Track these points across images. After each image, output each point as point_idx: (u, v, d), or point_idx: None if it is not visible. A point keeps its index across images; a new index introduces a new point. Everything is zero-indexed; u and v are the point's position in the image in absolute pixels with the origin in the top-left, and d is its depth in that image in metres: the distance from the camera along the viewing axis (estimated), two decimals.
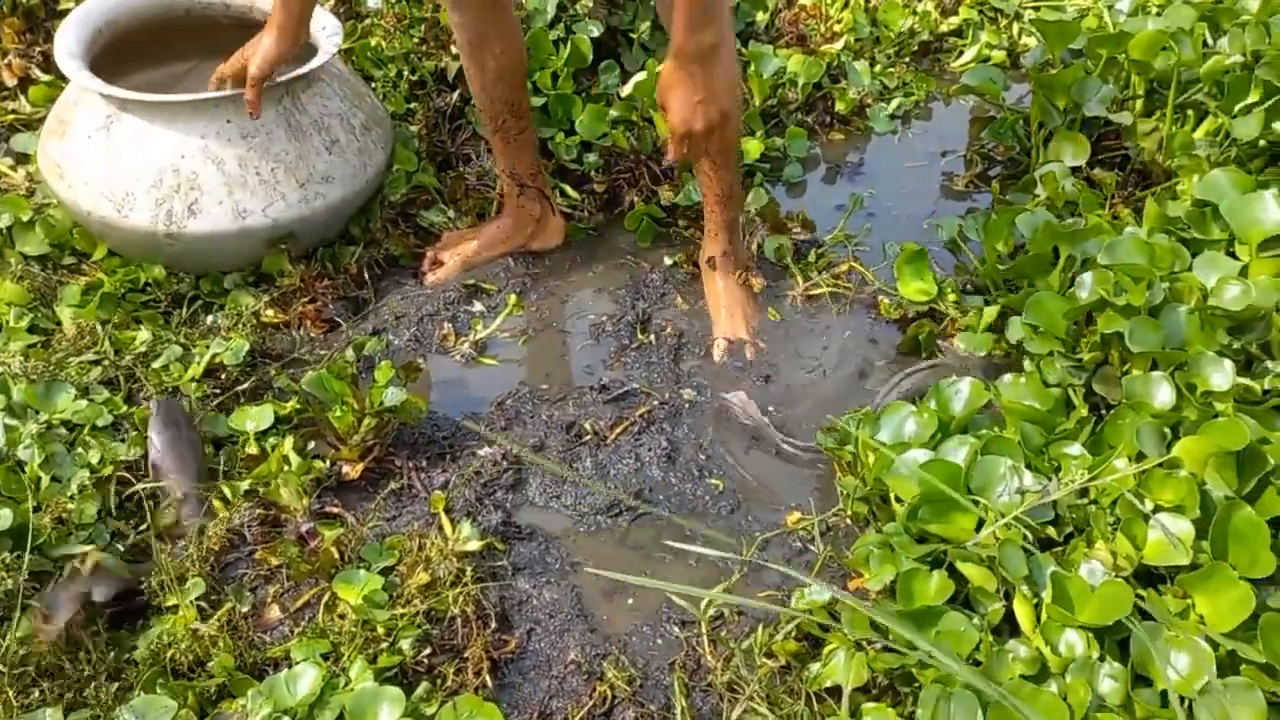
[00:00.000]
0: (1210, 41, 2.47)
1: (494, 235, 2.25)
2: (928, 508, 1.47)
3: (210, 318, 2.09)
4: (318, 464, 1.77)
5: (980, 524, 1.48)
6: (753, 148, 2.43)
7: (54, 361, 1.88)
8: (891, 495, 1.58)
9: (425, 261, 2.24)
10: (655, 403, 1.94)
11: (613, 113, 2.41)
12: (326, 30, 2.20)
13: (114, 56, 2.23)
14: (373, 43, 2.57)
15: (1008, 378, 1.71)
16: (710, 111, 1.69)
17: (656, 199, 2.33)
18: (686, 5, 1.61)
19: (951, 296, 2.06)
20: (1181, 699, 1.29)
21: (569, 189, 2.36)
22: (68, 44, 2.11)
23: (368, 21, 2.64)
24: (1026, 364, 1.79)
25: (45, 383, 1.81)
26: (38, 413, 1.78)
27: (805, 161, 2.56)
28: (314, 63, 2.11)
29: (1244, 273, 1.85)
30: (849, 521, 1.69)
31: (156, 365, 1.88)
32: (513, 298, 2.15)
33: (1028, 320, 1.77)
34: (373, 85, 2.47)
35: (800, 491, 1.78)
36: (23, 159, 2.44)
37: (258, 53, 1.97)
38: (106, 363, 1.90)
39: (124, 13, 2.26)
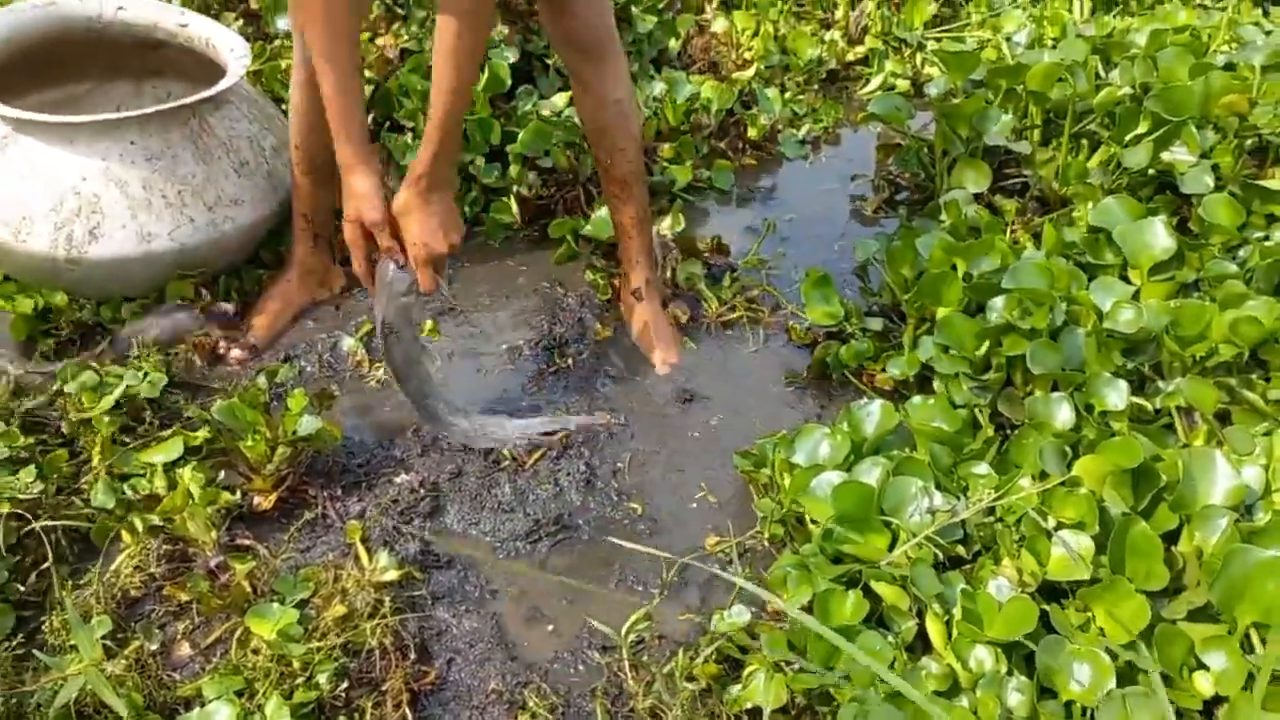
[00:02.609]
0: (1103, 74, 2.59)
1: (289, 291, 2.17)
2: (842, 528, 1.50)
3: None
4: (226, 495, 1.73)
5: (893, 543, 1.52)
6: (681, 174, 2.46)
7: None
8: (807, 517, 1.61)
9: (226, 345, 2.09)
10: (572, 425, 1.94)
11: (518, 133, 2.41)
12: (234, 51, 2.16)
13: (8, 76, 2.17)
14: (283, 65, 2.53)
15: (917, 399, 1.76)
16: (452, 235, 1.71)
17: (586, 219, 2.35)
18: (439, 138, 1.64)
19: (854, 320, 2.11)
20: (1084, 709, 1.34)
21: (507, 210, 2.37)
22: None
23: (276, 43, 2.60)
24: (936, 384, 1.85)
25: None
26: None
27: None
28: (222, 84, 2.07)
29: (1136, 296, 1.94)
30: (766, 543, 1.71)
31: (70, 390, 1.82)
32: (428, 323, 2.13)
33: (938, 340, 1.82)
34: (283, 108, 2.43)
35: (718, 514, 1.80)
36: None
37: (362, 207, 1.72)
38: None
39: (17, 31, 2.19)
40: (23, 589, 1.59)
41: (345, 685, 1.47)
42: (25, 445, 1.75)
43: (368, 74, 2.52)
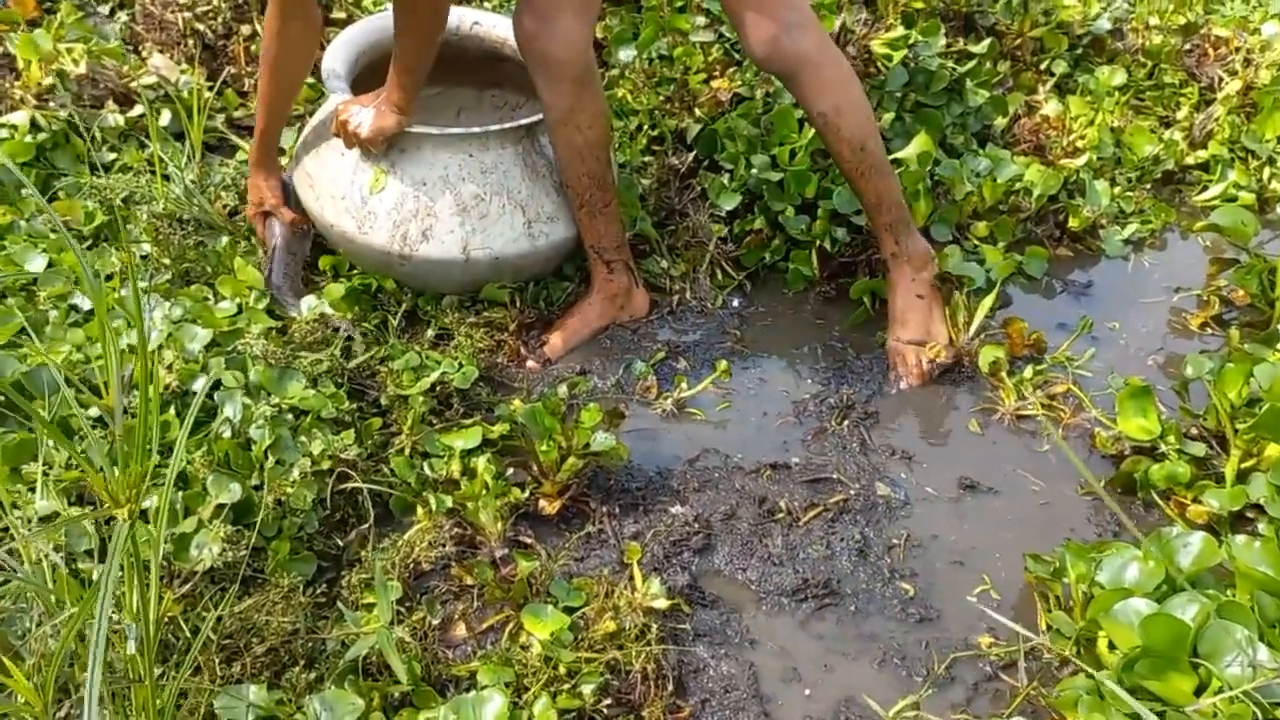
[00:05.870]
0: None
1: (590, 314, 2.25)
2: (1146, 662, 1.40)
3: (430, 332, 2.18)
4: (516, 492, 1.81)
5: (1199, 689, 1.39)
6: (992, 255, 2.39)
7: (289, 350, 1.99)
8: (1103, 640, 1.51)
9: (525, 350, 2.21)
10: (851, 492, 1.91)
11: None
12: None
13: (371, 75, 2.36)
14: (619, 94, 2.65)
15: (1241, 539, 1.61)
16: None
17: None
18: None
19: (1173, 439, 1.96)
20: None
21: (808, 262, 2.38)
22: (333, 63, 2.23)
23: (615, 72, 2.73)
24: (1263, 527, 1.69)
25: (280, 369, 1.92)
26: (270, 395, 1.88)
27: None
28: None
29: None
30: (1048, 657, 1.61)
31: (395, 366, 1.96)
32: (723, 363, 2.16)
33: (1273, 480, 1.68)
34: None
35: (996, 614, 1.71)
36: (278, 151, 2.59)
37: (374, 123, 2.05)
38: (335, 360, 1.99)
39: (388, 36, 2.38)
40: (341, 544, 1.72)
41: (608, 702, 1.50)
42: (348, 410, 1.90)
43: (698, 112, 2.60)
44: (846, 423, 2.07)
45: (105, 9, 3.05)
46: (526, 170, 2.18)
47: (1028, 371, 2.17)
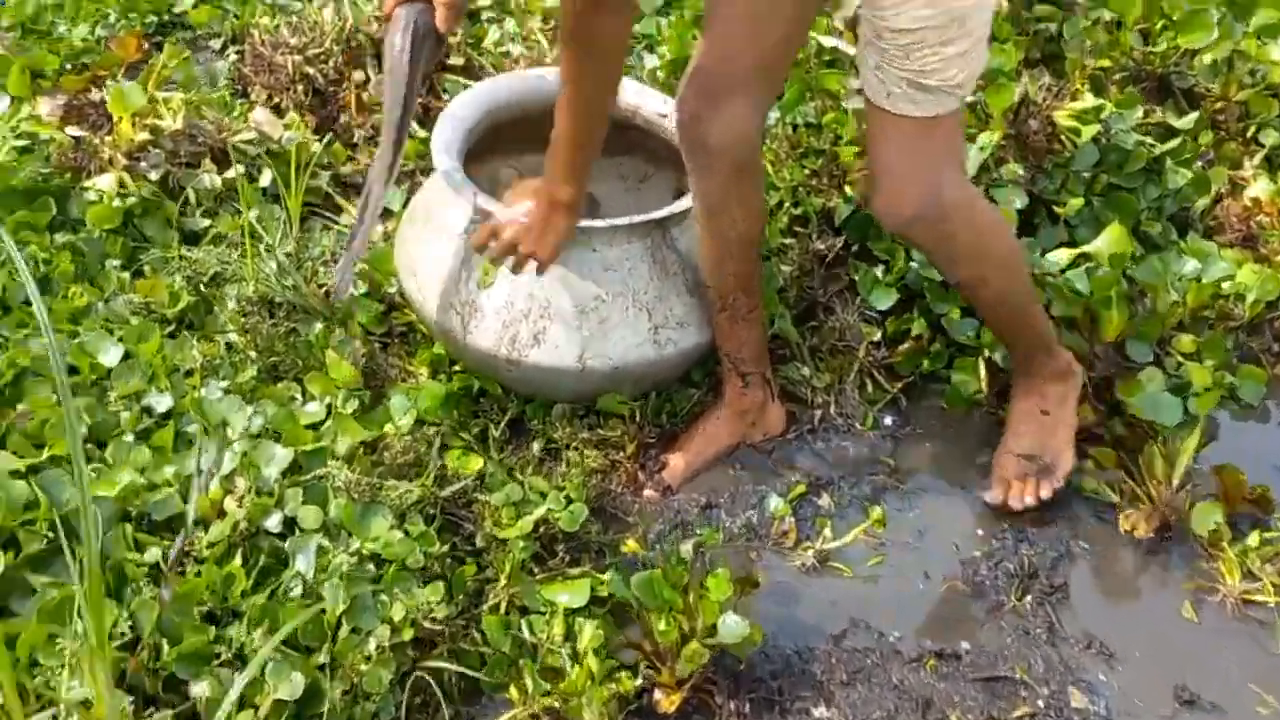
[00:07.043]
0: None
1: (718, 431, 1.95)
2: None
3: (536, 445, 1.90)
4: (626, 681, 1.51)
5: None
6: (1199, 377, 1.98)
7: (377, 475, 1.73)
8: None
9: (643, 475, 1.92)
10: (1039, 703, 1.56)
11: None
12: None
13: (485, 142, 2.10)
14: None
15: None
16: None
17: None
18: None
19: None
20: None
21: (974, 374, 2.05)
22: (445, 135, 1.96)
23: None
24: None
25: (364, 503, 1.67)
26: (350, 536, 1.63)
27: None
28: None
29: None
30: None
31: (494, 500, 1.70)
32: (876, 510, 1.83)
33: None
34: None
35: None
36: (385, 214, 2.33)
37: (548, 238, 1.73)
38: (427, 491, 1.73)
39: (503, 106, 2.11)
40: None
41: None
42: (438, 554, 1.64)
43: (849, 190, 2.27)
44: (1029, 597, 1.72)
45: (216, 44, 2.89)
46: (655, 267, 1.89)
47: (1253, 538, 1.78)
